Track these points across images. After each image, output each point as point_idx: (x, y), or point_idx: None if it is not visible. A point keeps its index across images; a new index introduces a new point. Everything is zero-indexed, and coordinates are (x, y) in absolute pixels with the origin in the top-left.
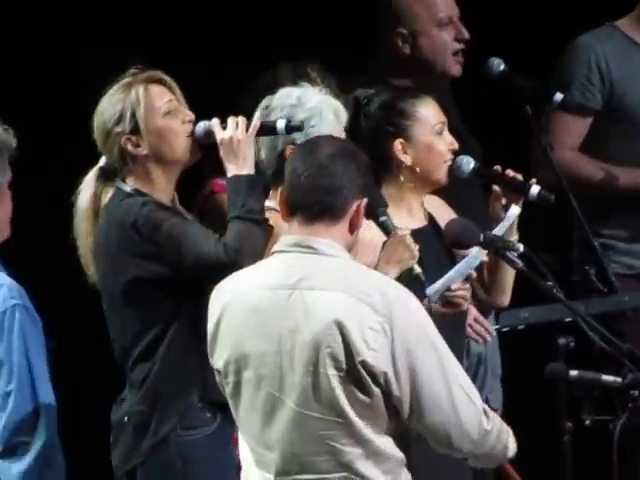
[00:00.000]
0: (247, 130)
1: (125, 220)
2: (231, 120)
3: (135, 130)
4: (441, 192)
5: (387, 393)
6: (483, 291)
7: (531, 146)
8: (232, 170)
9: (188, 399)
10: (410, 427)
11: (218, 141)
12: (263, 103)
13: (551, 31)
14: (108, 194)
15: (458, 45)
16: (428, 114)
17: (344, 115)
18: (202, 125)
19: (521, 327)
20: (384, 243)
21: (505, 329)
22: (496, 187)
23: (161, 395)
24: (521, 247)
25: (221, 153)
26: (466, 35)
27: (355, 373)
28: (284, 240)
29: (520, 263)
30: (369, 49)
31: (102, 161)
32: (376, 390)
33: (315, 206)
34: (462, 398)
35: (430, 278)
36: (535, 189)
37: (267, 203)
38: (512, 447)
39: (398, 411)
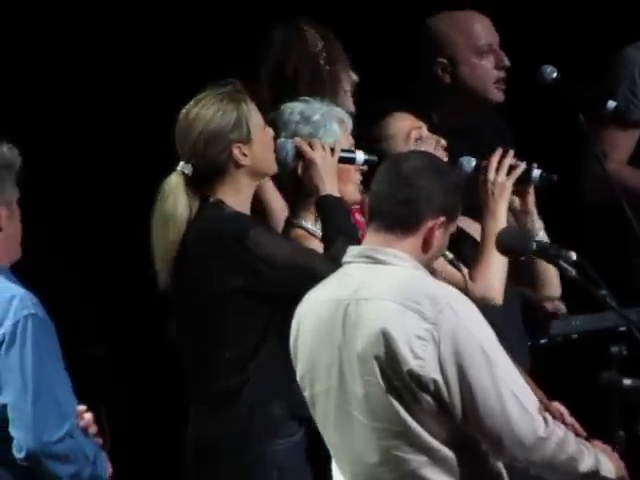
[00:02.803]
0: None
1: (227, 232)
2: (317, 142)
3: (247, 140)
4: None
5: (439, 399)
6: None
7: (580, 155)
8: (324, 190)
9: (279, 411)
10: (466, 432)
11: (308, 160)
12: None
13: (600, 39)
14: (195, 203)
15: (499, 73)
16: (402, 126)
17: (349, 121)
18: (287, 143)
19: (575, 336)
20: None
21: (559, 339)
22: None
23: (256, 409)
24: (574, 255)
25: (312, 172)
26: (507, 62)
27: (404, 382)
28: (350, 251)
29: (573, 271)
30: (407, 78)
31: (185, 168)
32: (427, 398)
33: (387, 215)
34: (513, 404)
35: None
36: (536, 172)
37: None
38: (588, 464)
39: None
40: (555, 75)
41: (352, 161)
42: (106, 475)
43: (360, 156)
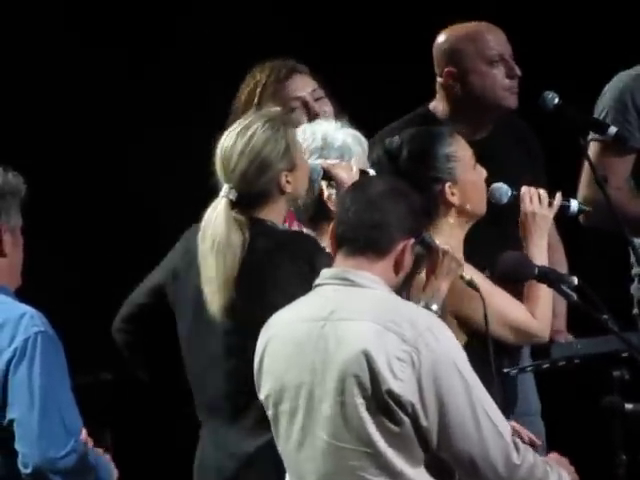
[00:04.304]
0: None
1: (298, 252)
2: (340, 164)
3: (292, 167)
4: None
5: (415, 422)
6: None
7: (580, 180)
8: None
9: None
10: (439, 456)
11: (339, 182)
12: None
13: (602, 64)
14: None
15: (510, 82)
16: (464, 150)
17: (365, 142)
18: (317, 165)
19: (577, 361)
20: (427, 259)
21: (561, 363)
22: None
23: None
24: (575, 280)
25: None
26: (517, 72)
27: (382, 402)
28: (324, 273)
29: (574, 296)
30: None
31: (230, 194)
32: (405, 419)
33: (359, 240)
34: (489, 430)
35: None
36: (574, 204)
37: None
38: None
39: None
40: (557, 101)
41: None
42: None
43: (574, 206)
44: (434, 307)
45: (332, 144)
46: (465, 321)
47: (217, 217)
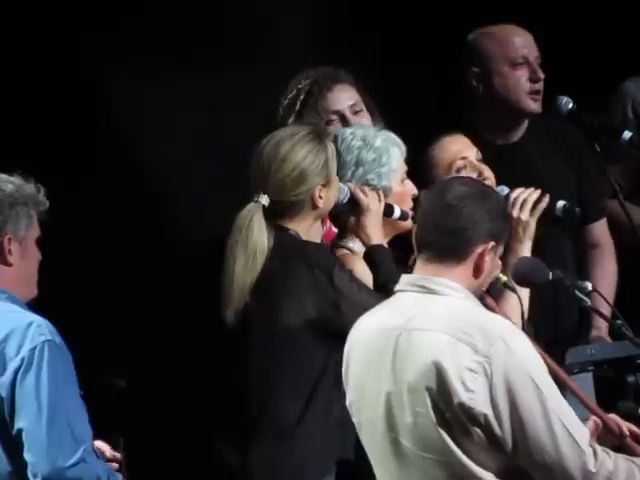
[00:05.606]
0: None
1: (318, 265)
2: (368, 189)
3: (327, 182)
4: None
5: (489, 432)
6: None
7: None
8: (375, 238)
9: (334, 449)
10: (516, 463)
11: (364, 207)
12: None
13: (619, 70)
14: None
15: (533, 85)
16: (444, 157)
17: (404, 147)
18: (344, 186)
19: (590, 368)
20: None
21: (575, 370)
22: None
23: (313, 443)
24: (589, 285)
25: (365, 219)
26: (540, 75)
27: (454, 414)
28: (403, 279)
29: (589, 301)
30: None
31: (263, 199)
32: (477, 431)
33: (436, 245)
34: (565, 439)
35: None
36: (560, 204)
37: (348, 244)
38: None
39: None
40: (571, 106)
41: (390, 213)
42: None
43: (397, 210)
44: None
45: (372, 143)
46: None
47: (250, 221)
